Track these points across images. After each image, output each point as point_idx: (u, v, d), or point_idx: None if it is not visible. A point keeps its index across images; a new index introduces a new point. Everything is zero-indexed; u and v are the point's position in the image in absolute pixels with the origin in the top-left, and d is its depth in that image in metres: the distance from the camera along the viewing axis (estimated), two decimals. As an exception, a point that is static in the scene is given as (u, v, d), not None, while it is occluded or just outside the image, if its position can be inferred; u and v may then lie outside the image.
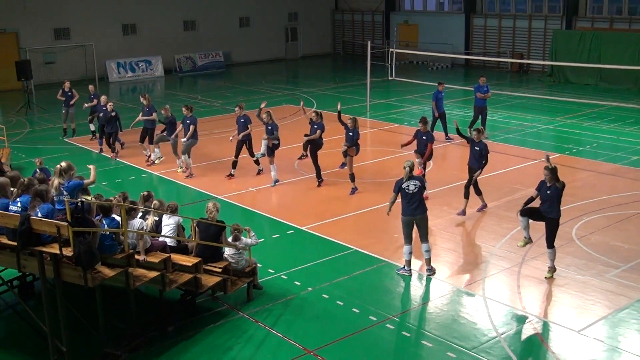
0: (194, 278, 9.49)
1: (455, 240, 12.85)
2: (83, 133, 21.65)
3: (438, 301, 10.45)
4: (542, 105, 25.69)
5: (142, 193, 10.62)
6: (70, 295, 9.15)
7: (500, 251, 12.10)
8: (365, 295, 10.54)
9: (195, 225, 10.25)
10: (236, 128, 16.66)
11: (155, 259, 9.10)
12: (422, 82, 28.11)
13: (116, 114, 18.55)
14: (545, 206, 10.68)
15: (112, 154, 18.98)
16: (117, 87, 33.80)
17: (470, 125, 20.27)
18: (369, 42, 26.67)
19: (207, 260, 9.96)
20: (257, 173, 16.88)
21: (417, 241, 11.22)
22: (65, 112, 21.28)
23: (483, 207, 14.01)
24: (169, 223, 10.12)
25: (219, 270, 10.01)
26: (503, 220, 13.46)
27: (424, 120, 14.96)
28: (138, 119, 18.40)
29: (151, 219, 9.98)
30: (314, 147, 15.53)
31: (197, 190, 16.09)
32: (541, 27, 34.35)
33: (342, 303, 10.30)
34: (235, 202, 15.11)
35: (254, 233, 10.64)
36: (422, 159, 14.39)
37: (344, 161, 15.35)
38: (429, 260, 11.13)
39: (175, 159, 17.61)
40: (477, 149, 13.57)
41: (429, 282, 10.98)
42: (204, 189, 16.09)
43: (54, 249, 8.10)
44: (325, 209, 14.47)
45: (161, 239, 9.82)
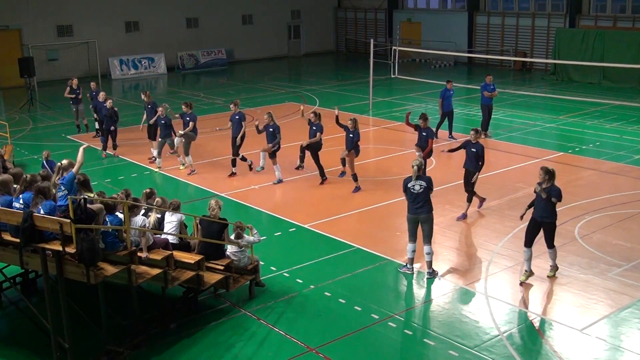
0: (196, 275, 9.50)
1: (458, 238, 12.84)
2: (91, 129, 21.58)
3: (440, 299, 10.44)
4: (545, 104, 25.66)
5: (144, 190, 10.64)
6: (72, 292, 9.16)
7: (502, 250, 12.09)
8: (368, 293, 10.54)
9: (197, 222, 10.26)
10: (231, 125, 16.69)
11: (157, 256, 9.11)
12: (425, 80, 28.08)
13: (115, 111, 18.57)
14: (540, 210, 10.44)
15: (113, 151, 18.99)
16: (120, 84, 33.83)
17: (482, 125, 20.16)
18: (372, 40, 26.63)
19: (210, 257, 9.97)
20: (249, 169, 16.86)
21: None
22: (75, 109, 21.34)
23: (482, 202, 13.93)
24: (171, 220, 10.13)
25: (221, 267, 10.02)
26: (505, 218, 13.44)
27: (424, 117, 14.95)
28: (145, 118, 18.41)
29: (154, 216, 9.99)
30: (314, 148, 15.48)
31: (199, 187, 16.11)
32: (544, 25, 34.30)
33: (344, 301, 10.30)
34: (238, 199, 15.11)
35: (256, 231, 10.64)
36: (422, 153, 14.39)
37: (343, 170, 15.20)
38: (430, 264, 11.05)
39: (176, 157, 17.66)
40: (473, 150, 13.33)
41: (431, 280, 10.98)
42: (207, 186, 16.10)
43: (57, 246, 8.11)
44: (328, 207, 14.47)
45: (163, 236, 9.83)
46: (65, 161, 9.21)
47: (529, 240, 10.65)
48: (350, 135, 14.96)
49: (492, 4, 37.15)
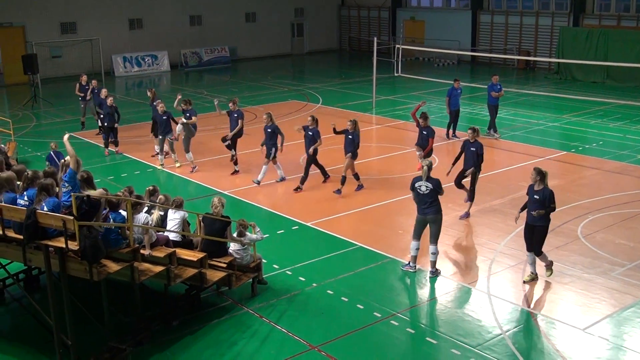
0: (198, 273, 9.51)
1: (460, 237, 12.84)
2: (91, 127, 21.63)
3: (443, 298, 10.45)
4: (548, 103, 25.62)
5: (147, 187, 10.64)
6: (75, 289, 9.17)
7: (505, 248, 12.08)
8: (370, 292, 10.54)
9: (200, 220, 10.27)
10: (229, 123, 16.72)
11: (160, 253, 9.12)
12: (428, 79, 28.06)
13: (116, 108, 18.61)
14: (532, 215, 10.35)
15: (115, 149, 19.00)
16: (123, 82, 33.86)
17: (490, 125, 20.13)
18: (375, 39, 26.60)
19: (212, 255, 9.98)
20: (231, 159, 16.85)
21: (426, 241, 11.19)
22: (84, 106, 21.37)
23: (466, 216, 13.74)
24: (174, 218, 10.15)
25: (224, 265, 10.02)
26: (508, 217, 13.41)
27: (424, 116, 14.87)
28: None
29: (156, 213, 9.99)
30: (310, 155, 15.21)
31: (202, 185, 16.11)
32: (548, 24, 34.23)
33: (346, 299, 10.31)
34: (241, 197, 15.12)
35: (259, 229, 10.64)
36: (422, 152, 14.36)
37: (339, 188, 14.99)
38: (433, 263, 11.05)
39: (171, 154, 17.64)
40: (472, 149, 13.31)
41: (434, 279, 10.98)
42: (209, 184, 16.11)
43: (60, 243, 8.12)
44: (330, 206, 14.47)
45: (166, 233, 9.84)
46: (68, 158, 9.23)
47: (530, 245, 10.62)
48: (350, 137, 14.74)
49: (495, 2, 37.10)
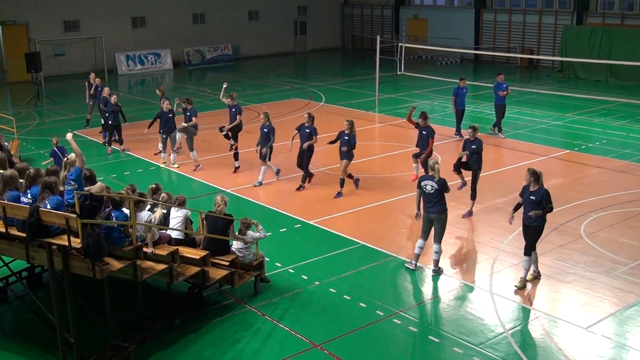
0: (201, 271, 9.52)
1: (463, 236, 12.83)
2: (95, 125, 21.62)
3: (445, 296, 10.44)
4: (551, 101, 25.57)
5: (150, 185, 10.64)
6: (78, 287, 9.19)
7: (508, 247, 12.07)
8: (372, 290, 10.54)
9: (203, 218, 10.27)
10: (228, 117, 16.82)
11: (163, 251, 9.12)
12: (431, 77, 28.04)
13: (119, 107, 18.63)
14: (528, 213, 10.31)
15: (121, 147, 19.03)
16: (126, 80, 33.87)
17: (494, 124, 20.09)
18: (378, 37, 26.61)
19: (215, 253, 9.98)
20: (230, 149, 16.91)
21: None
22: (92, 103, 21.39)
23: (463, 185, 13.80)
24: (176, 216, 10.15)
25: (227, 263, 10.02)
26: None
27: (424, 115, 14.67)
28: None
29: (159, 211, 10.00)
30: (308, 153, 15.16)
31: (205, 183, 16.12)
32: (551, 22, 34.17)
33: (349, 297, 10.31)
34: (244, 195, 15.13)
35: (261, 227, 10.64)
36: (423, 157, 14.19)
37: (339, 191, 14.88)
38: (436, 262, 11.06)
39: (162, 151, 17.65)
40: (473, 147, 13.35)
41: (437, 277, 10.97)
42: (212, 182, 16.12)
43: (63, 241, 8.13)
44: (333, 204, 14.46)
45: (169, 231, 9.85)
46: (73, 155, 9.23)
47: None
48: (346, 138, 14.55)
49: (499, 1, 37.02)
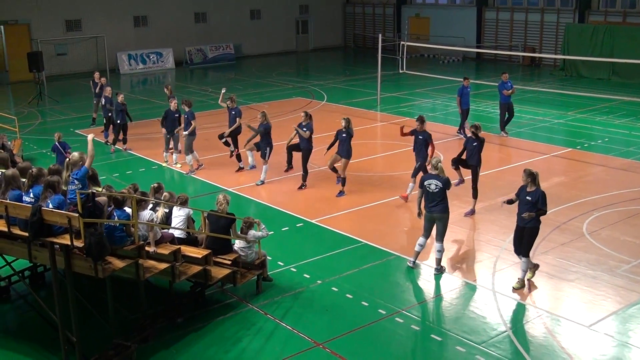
0: (203, 270, 9.52)
1: (465, 234, 12.82)
2: (100, 124, 21.61)
3: (447, 295, 10.44)
4: (553, 100, 25.55)
5: (152, 185, 10.65)
6: (80, 286, 9.20)
7: (510, 246, 12.02)
8: (375, 289, 10.54)
9: (205, 217, 10.27)
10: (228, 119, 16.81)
11: (165, 250, 9.13)
12: (433, 76, 28.01)
13: (125, 106, 18.65)
14: (522, 215, 10.26)
15: (124, 146, 19.03)
16: (128, 79, 33.89)
17: (501, 124, 20.04)
18: (380, 35, 26.57)
19: (217, 252, 9.99)
20: (230, 156, 16.92)
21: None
22: (96, 102, 21.43)
23: (460, 182, 13.80)
24: (179, 215, 10.15)
25: (229, 262, 10.03)
26: (513, 214, 13.26)
27: (421, 119, 14.26)
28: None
29: (161, 210, 10.01)
30: (305, 152, 15.16)
31: (207, 182, 16.13)
32: (553, 20, 34.12)
33: (351, 296, 10.31)
34: (245, 194, 15.13)
35: (264, 226, 10.64)
36: (422, 163, 14.10)
37: (341, 190, 14.80)
38: (439, 260, 11.06)
39: (172, 155, 17.61)
40: (475, 144, 13.37)
41: (439, 276, 10.97)
42: (214, 181, 16.12)
43: (65, 240, 8.14)
44: (335, 203, 14.46)
45: (171, 230, 9.85)
46: (76, 154, 9.21)
47: (517, 247, 10.53)
48: (344, 135, 14.53)
49: (501, -1, 37.04)
